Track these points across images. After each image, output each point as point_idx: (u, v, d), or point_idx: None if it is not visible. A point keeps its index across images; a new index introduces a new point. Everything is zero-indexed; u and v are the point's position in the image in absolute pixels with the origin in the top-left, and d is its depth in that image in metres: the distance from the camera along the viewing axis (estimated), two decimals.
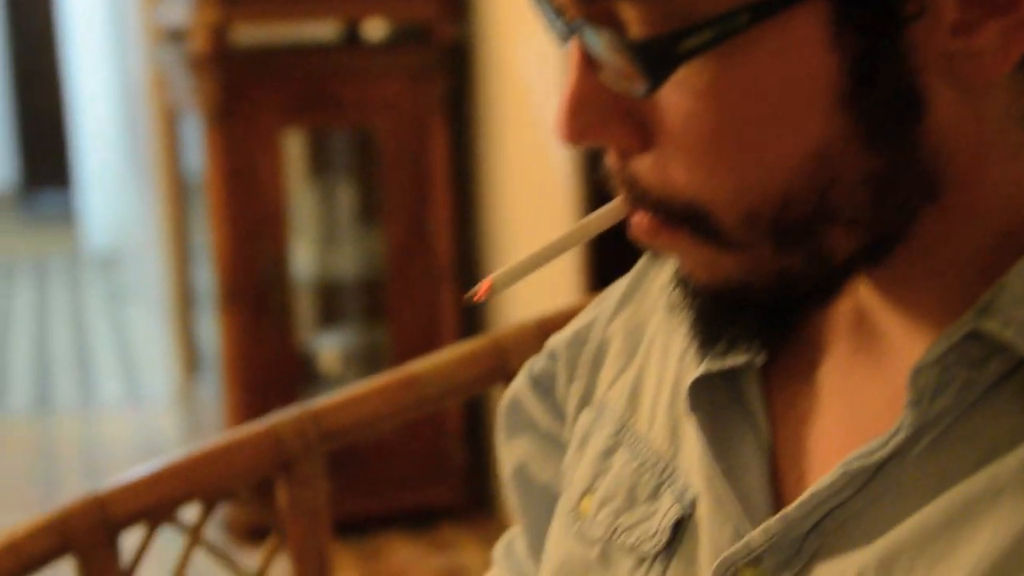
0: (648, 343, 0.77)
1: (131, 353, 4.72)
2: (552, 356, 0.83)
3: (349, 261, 3.11)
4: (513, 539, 0.91)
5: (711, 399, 0.70)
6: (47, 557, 1.08)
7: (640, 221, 0.63)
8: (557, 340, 0.83)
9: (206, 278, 3.15)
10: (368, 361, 3.02)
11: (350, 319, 3.16)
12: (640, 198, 0.63)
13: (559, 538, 0.77)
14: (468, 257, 2.96)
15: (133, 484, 1.10)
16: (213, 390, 3.11)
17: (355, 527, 2.77)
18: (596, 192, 2.04)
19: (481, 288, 0.67)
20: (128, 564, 1.12)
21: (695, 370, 0.70)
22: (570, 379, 0.82)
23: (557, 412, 0.83)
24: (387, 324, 2.97)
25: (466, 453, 2.95)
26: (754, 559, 0.65)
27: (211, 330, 3.12)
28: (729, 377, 0.70)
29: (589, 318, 0.82)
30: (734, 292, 0.64)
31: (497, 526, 2.57)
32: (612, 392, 0.78)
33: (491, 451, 3.01)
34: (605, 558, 0.73)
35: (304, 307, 3.04)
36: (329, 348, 3.09)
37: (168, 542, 1.26)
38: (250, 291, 2.86)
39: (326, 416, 1.11)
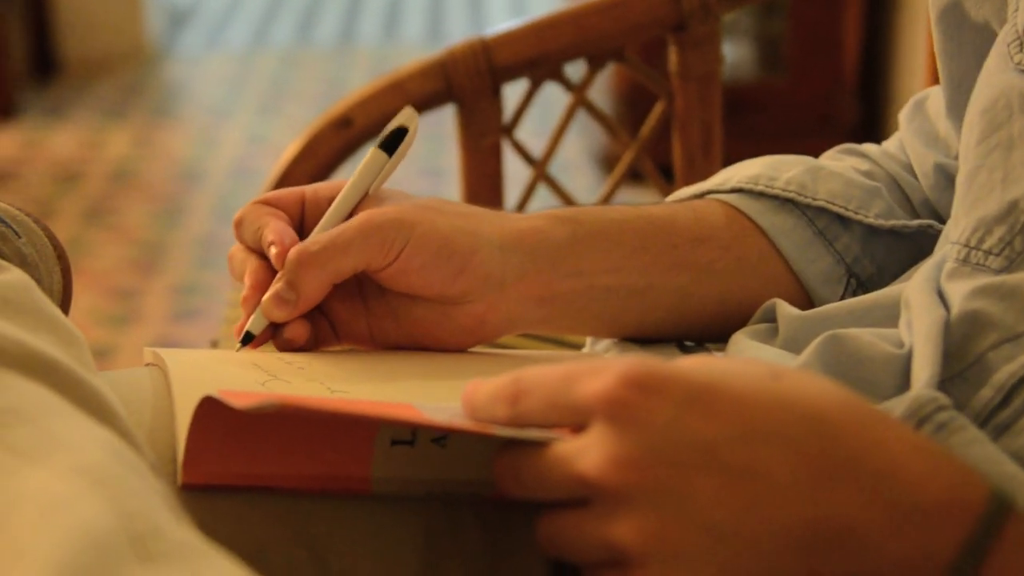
0: None
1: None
2: None
3: None
4: (924, 98, 0.82)
5: None
6: (432, 99, 1.06)
7: None
8: None
9: None
10: (765, 3, 2.88)
11: None
12: None
13: (995, 71, 0.67)
14: None
15: (519, 31, 1.05)
16: None
17: None
18: None
19: None
20: (510, 117, 1.08)
21: None
22: None
23: None
24: None
25: (859, 108, 2.81)
26: None
27: None
28: None
29: None
30: None
31: None
32: None
33: (885, 107, 2.85)
34: None
35: None
36: None
37: (552, 99, 1.22)
38: None
39: None
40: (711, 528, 0.47)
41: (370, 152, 0.71)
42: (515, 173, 1.13)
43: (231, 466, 0.57)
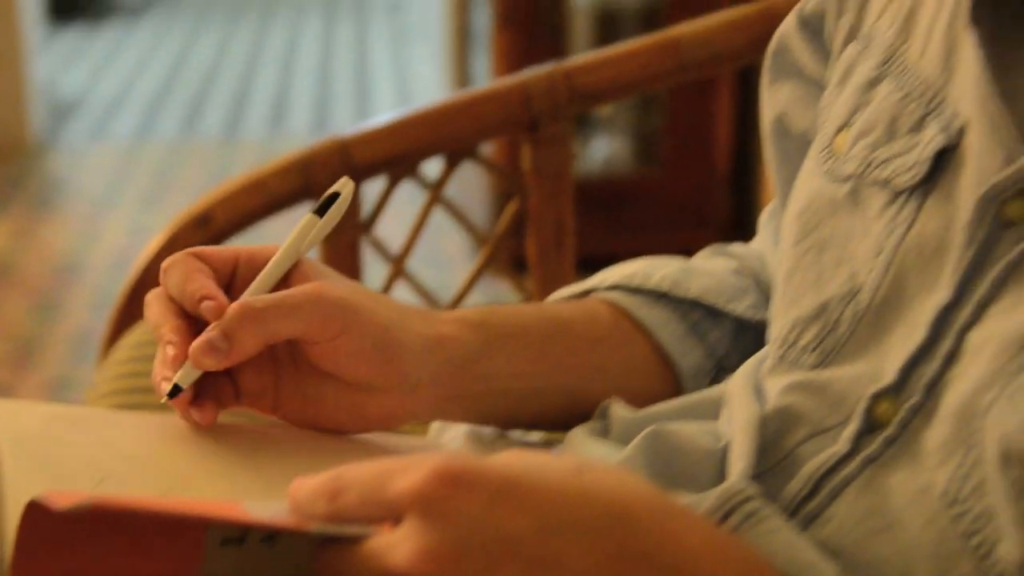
0: None
1: (407, 86, 4.77)
2: None
3: None
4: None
5: (995, 13, 0.61)
6: (290, 197, 1.08)
7: None
8: None
9: (485, 17, 3.10)
10: (642, 99, 2.95)
11: None
12: None
13: (807, 178, 0.71)
14: None
15: (377, 131, 1.07)
16: None
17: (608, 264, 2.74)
18: None
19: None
20: (368, 214, 1.10)
21: None
22: (839, 12, 0.74)
23: (824, 54, 0.76)
24: None
25: (731, 201, 2.88)
26: None
27: (484, 63, 3.09)
28: None
29: None
30: None
31: None
32: (882, 21, 0.70)
33: (756, 201, 2.91)
34: (855, 195, 0.66)
35: (579, 33, 2.97)
36: None
37: (409, 196, 1.25)
38: (525, 12, 2.80)
39: (579, 75, 1.06)
40: None
41: (305, 217, 0.72)
42: (378, 270, 1.15)
43: (60, 569, 0.58)
